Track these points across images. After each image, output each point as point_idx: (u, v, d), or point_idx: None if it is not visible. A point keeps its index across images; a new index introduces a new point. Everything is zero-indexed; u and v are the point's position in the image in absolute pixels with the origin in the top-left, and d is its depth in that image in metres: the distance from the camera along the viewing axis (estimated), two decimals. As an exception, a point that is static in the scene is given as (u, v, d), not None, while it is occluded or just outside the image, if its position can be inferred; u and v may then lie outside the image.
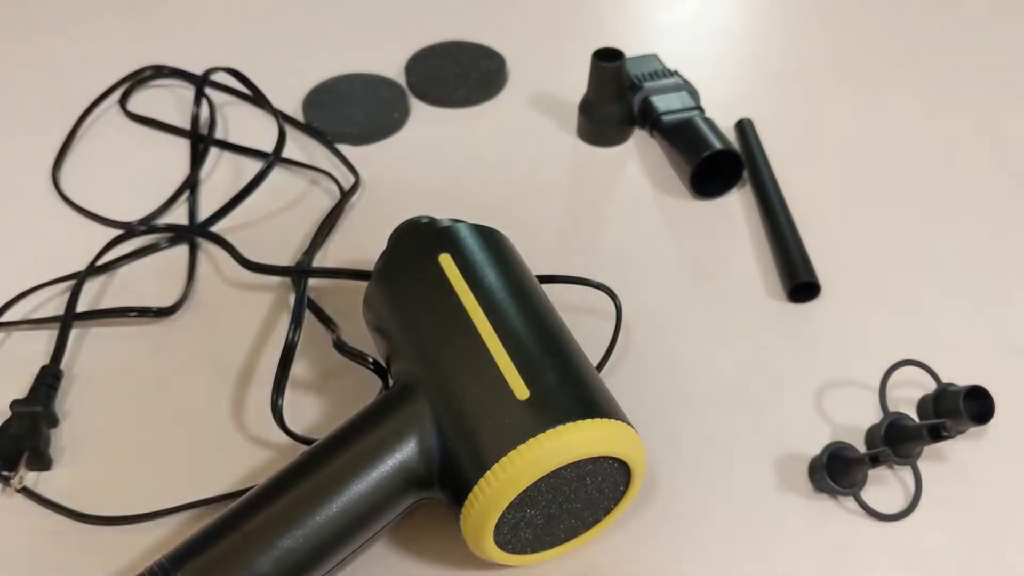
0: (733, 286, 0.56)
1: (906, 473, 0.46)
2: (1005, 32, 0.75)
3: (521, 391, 0.38)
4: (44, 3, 0.79)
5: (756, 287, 0.55)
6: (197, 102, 0.67)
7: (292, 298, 0.54)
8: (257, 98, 0.68)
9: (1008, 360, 0.51)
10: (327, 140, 0.65)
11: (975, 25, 0.76)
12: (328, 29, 0.77)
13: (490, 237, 0.45)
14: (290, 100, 0.69)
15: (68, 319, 0.52)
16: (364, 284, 0.50)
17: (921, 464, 0.46)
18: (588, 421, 0.37)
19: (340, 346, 0.48)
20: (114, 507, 0.44)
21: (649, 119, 0.64)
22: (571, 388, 0.39)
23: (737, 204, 0.61)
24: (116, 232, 0.59)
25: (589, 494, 0.40)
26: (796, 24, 0.77)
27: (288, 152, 0.64)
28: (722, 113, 0.66)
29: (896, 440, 0.45)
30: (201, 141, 0.65)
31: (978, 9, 0.77)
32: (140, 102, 0.69)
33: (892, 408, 0.47)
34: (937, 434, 0.42)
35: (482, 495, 0.36)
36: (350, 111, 0.67)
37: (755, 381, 0.50)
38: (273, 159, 0.62)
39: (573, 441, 0.37)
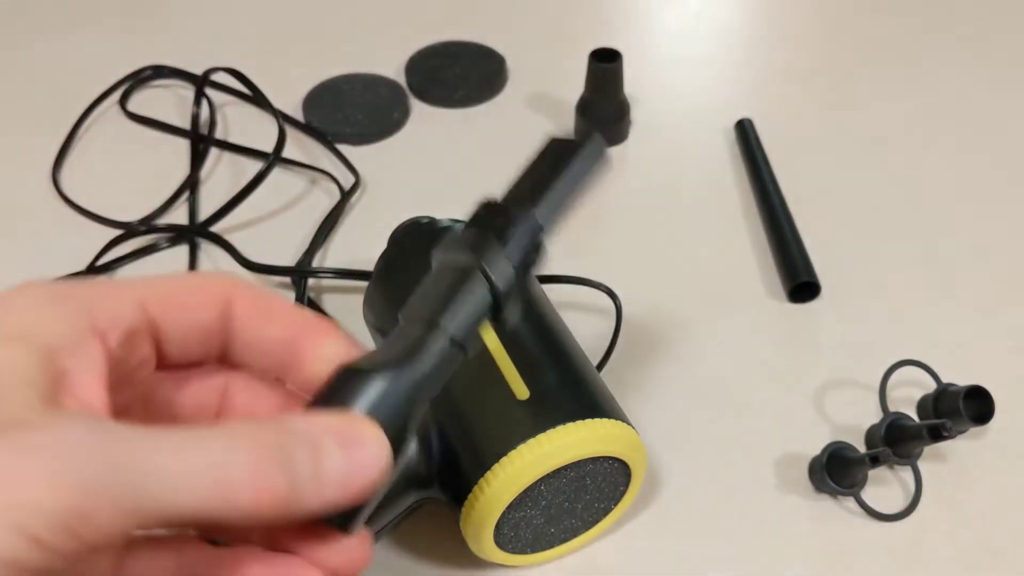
0: (733, 286, 0.55)
1: (906, 473, 0.46)
2: (1005, 31, 0.75)
3: (521, 391, 0.38)
4: (44, 3, 0.79)
5: (756, 287, 0.55)
6: (197, 102, 0.67)
7: (292, 298, 0.54)
8: (257, 98, 0.68)
9: (1008, 360, 0.51)
10: (327, 140, 0.65)
11: (975, 24, 0.76)
12: (328, 29, 0.77)
13: (490, 237, 0.45)
14: (290, 100, 0.68)
15: (68, 319, 0.52)
16: (364, 284, 0.49)
17: (921, 464, 0.46)
18: (588, 421, 0.37)
19: (340, 346, 0.48)
20: (114, 507, 0.44)
21: None
22: (571, 388, 0.39)
23: (737, 204, 0.61)
24: (116, 232, 0.58)
25: (589, 494, 0.40)
26: (796, 24, 0.77)
27: (288, 152, 0.64)
28: (722, 113, 0.66)
29: (896, 440, 0.45)
30: (201, 141, 0.65)
31: (978, 8, 0.77)
32: (140, 102, 0.69)
33: (892, 408, 0.47)
34: (937, 434, 0.42)
35: (482, 495, 0.36)
36: (350, 111, 0.67)
37: (755, 381, 0.50)
38: (273, 159, 0.61)
39: (573, 441, 0.37)
